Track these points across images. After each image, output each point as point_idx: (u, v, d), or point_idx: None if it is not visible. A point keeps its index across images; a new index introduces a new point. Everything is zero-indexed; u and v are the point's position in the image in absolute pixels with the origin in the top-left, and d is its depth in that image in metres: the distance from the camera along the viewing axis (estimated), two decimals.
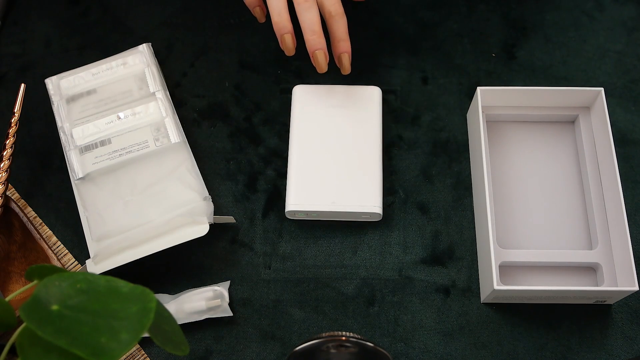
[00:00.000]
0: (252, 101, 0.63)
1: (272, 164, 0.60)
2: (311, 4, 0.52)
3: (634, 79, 0.63)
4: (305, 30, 0.53)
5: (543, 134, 0.60)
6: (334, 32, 0.55)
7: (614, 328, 0.53)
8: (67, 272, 0.36)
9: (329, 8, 0.54)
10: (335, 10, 0.54)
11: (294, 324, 0.54)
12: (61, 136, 0.58)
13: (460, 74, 0.64)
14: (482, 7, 0.67)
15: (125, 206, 0.55)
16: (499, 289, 0.50)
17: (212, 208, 0.55)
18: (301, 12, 0.53)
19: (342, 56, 0.56)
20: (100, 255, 0.53)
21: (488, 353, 0.53)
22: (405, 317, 0.54)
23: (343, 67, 0.57)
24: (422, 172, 0.60)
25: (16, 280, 0.54)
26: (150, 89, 0.59)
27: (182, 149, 0.57)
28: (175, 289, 0.55)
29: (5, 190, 0.54)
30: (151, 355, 0.53)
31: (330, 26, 0.55)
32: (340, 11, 0.54)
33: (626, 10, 0.66)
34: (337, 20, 0.54)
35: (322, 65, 0.55)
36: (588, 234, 0.55)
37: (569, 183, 0.58)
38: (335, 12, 0.54)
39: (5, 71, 0.65)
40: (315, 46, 0.54)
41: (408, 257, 0.56)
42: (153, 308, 0.32)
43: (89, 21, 0.67)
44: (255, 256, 0.57)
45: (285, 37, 0.54)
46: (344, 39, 0.55)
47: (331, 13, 0.54)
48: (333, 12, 0.54)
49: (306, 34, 0.53)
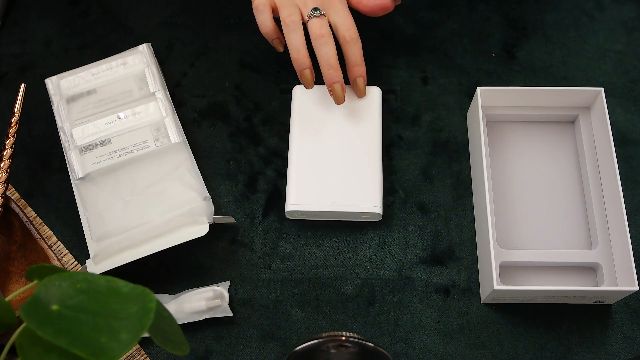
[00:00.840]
0: (252, 101, 0.63)
1: (272, 164, 0.60)
2: (327, 39, 0.54)
3: (634, 79, 0.63)
4: (322, 65, 0.55)
5: (543, 134, 0.60)
6: (348, 57, 0.56)
7: (614, 328, 0.53)
8: (67, 272, 0.36)
9: (344, 33, 0.55)
10: (350, 36, 0.55)
11: (294, 324, 0.54)
12: (61, 136, 0.58)
13: (460, 74, 0.64)
14: (482, 7, 0.67)
15: (125, 206, 0.55)
16: (499, 289, 0.50)
17: (212, 208, 0.55)
18: (318, 47, 0.55)
19: (358, 80, 0.58)
20: (100, 255, 0.53)
21: (488, 353, 0.53)
22: (405, 317, 0.54)
23: (359, 90, 0.58)
24: (422, 172, 0.60)
25: (16, 280, 0.54)
26: (150, 89, 0.59)
27: (182, 149, 0.57)
28: (175, 289, 0.55)
29: (5, 190, 0.54)
30: (151, 355, 0.53)
31: (345, 51, 0.56)
32: (354, 36, 0.56)
33: (626, 10, 0.66)
34: (351, 45, 0.56)
35: (340, 97, 0.57)
36: (588, 234, 0.55)
37: (569, 183, 0.58)
38: (350, 37, 0.55)
39: (5, 71, 0.65)
40: (332, 79, 0.56)
41: (408, 257, 0.56)
42: (153, 308, 0.32)
43: (89, 21, 0.67)
44: (255, 256, 0.57)
45: (304, 72, 0.56)
46: (359, 63, 0.57)
47: (346, 38, 0.55)
48: (347, 38, 0.55)
49: (323, 68, 0.55)
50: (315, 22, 0.55)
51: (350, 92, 0.60)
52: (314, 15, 0.54)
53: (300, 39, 0.55)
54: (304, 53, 0.55)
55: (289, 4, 0.55)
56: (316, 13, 0.54)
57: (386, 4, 0.57)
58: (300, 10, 0.56)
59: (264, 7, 0.56)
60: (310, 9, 0.55)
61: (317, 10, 0.55)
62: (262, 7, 0.56)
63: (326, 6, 0.56)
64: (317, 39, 0.54)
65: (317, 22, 0.55)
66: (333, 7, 0.56)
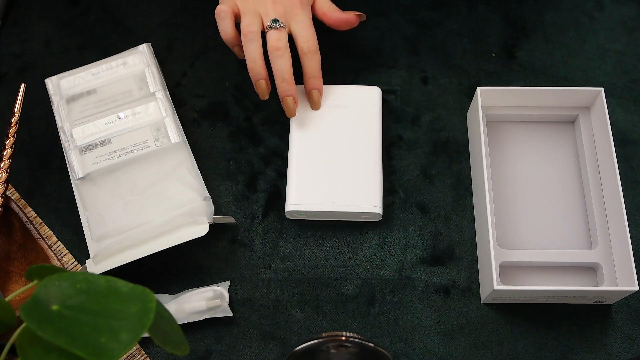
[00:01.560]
0: (252, 101, 0.63)
1: (272, 164, 0.60)
2: (283, 52, 0.54)
3: (634, 79, 0.63)
4: (276, 78, 0.55)
5: (543, 134, 0.60)
6: (305, 69, 0.57)
7: (614, 328, 0.53)
8: (67, 272, 0.36)
9: (302, 45, 0.56)
10: (308, 48, 0.56)
11: (294, 324, 0.54)
12: (61, 136, 0.58)
13: (460, 74, 0.64)
14: (482, 7, 0.67)
15: (125, 206, 0.55)
16: (499, 289, 0.50)
17: (212, 208, 0.55)
18: (273, 60, 0.55)
19: (313, 92, 0.58)
20: (100, 255, 0.53)
21: (488, 353, 0.53)
22: (405, 317, 0.54)
23: (313, 103, 0.58)
24: (422, 172, 0.60)
25: (16, 280, 0.54)
26: (150, 89, 0.59)
27: (182, 149, 0.57)
28: (175, 289, 0.55)
29: (5, 190, 0.54)
30: (151, 355, 0.53)
31: (303, 63, 0.57)
32: (313, 48, 0.56)
33: (626, 10, 0.66)
34: (309, 57, 0.56)
35: (292, 110, 0.57)
36: (588, 234, 0.55)
37: (569, 183, 0.58)
38: (308, 49, 0.56)
39: (5, 71, 0.65)
40: (285, 93, 0.56)
41: (408, 257, 0.56)
42: (153, 308, 0.32)
43: (89, 21, 0.67)
44: (255, 256, 0.57)
45: (259, 82, 0.56)
46: (316, 76, 0.57)
47: (304, 50, 0.56)
48: (306, 49, 0.56)
49: (277, 80, 0.56)
50: (274, 34, 0.55)
51: (350, 92, 0.60)
52: (272, 27, 0.55)
53: (257, 50, 0.55)
54: (260, 64, 0.55)
55: (251, 13, 0.55)
56: (275, 25, 0.54)
57: (350, 19, 0.58)
58: (262, 18, 0.56)
59: (225, 14, 0.56)
60: (271, 19, 0.55)
61: (277, 22, 0.55)
62: (224, 14, 0.56)
63: (288, 15, 0.56)
64: (273, 52, 0.55)
65: (275, 34, 0.55)
66: (295, 17, 0.56)
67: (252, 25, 0.55)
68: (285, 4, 0.55)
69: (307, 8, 0.57)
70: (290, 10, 0.56)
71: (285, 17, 0.56)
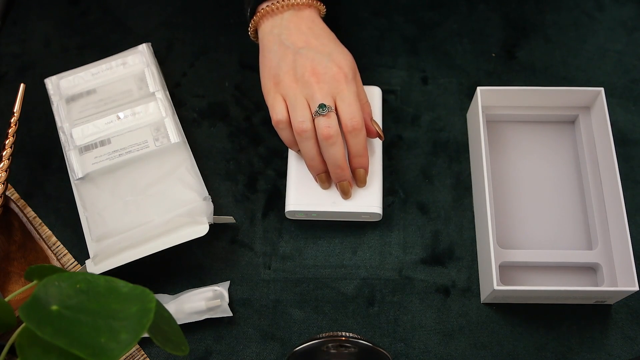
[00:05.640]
0: (252, 101, 0.63)
1: (272, 164, 0.60)
2: (335, 140, 0.53)
3: (634, 79, 0.63)
4: (329, 164, 0.54)
5: (543, 134, 0.60)
6: (350, 147, 0.55)
7: (614, 328, 0.53)
8: (67, 272, 0.36)
9: (346, 122, 0.53)
10: (352, 126, 0.53)
11: (294, 324, 0.54)
12: (61, 136, 0.58)
13: (460, 74, 0.64)
14: (482, 7, 0.67)
15: (125, 206, 0.55)
16: (499, 289, 0.50)
17: (212, 208, 0.55)
18: (325, 148, 0.53)
19: (359, 171, 0.56)
20: (100, 255, 0.53)
21: (488, 353, 0.53)
22: (405, 317, 0.54)
23: (359, 181, 0.56)
24: (422, 172, 0.60)
25: (16, 280, 0.54)
26: (150, 89, 0.59)
27: (182, 149, 0.57)
28: (175, 289, 0.55)
29: (5, 190, 0.54)
30: (151, 355, 0.53)
31: (348, 141, 0.54)
32: (358, 126, 0.54)
33: (626, 10, 0.66)
34: (354, 135, 0.54)
35: (348, 193, 0.56)
36: (588, 234, 0.55)
37: (569, 183, 0.58)
38: (352, 127, 0.54)
39: (5, 71, 0.65)
40: (339, 178, 0.55)
41: (408, 257, 0.56)
42: (153, 308, 0.32)
43: (89, 21, 0.67)
44: (255, 256, 0.57)
45: (320, 176, 0.56)
46: (361, 154, 0.55)
47: (348, 127, 0.54)
48: (350, 127, 0.54)
49: (331, 167, 0.54)
50: (323, 121, 0.53)
51: None
52: (320, 113, 0.52)
53: (314, 148, 0.54)
54: (318, 159, 0.54)
55: (299, 104, 0.53)
56: (323, 111, 0.52)
57: (372, 131, 0.56)
58: (309, 103, 0.54)
59: (284, 125, 0.54)
60: (317, 104, 0.53)
61: (324, 108, 0.53)
62: (283, 125, 0.54)
63: (333, 92, 0.54)
64: (324, 141, 0.53)
65: (324, 121, 0.52)
66: (340, 93, 0.54)
67: (304, 123, 0.53)
68: (329, 81, 0.53)
69: (352, 83, 0.54)
70: (334, 87, 0.54)
71: (331, 95, 0.53)
